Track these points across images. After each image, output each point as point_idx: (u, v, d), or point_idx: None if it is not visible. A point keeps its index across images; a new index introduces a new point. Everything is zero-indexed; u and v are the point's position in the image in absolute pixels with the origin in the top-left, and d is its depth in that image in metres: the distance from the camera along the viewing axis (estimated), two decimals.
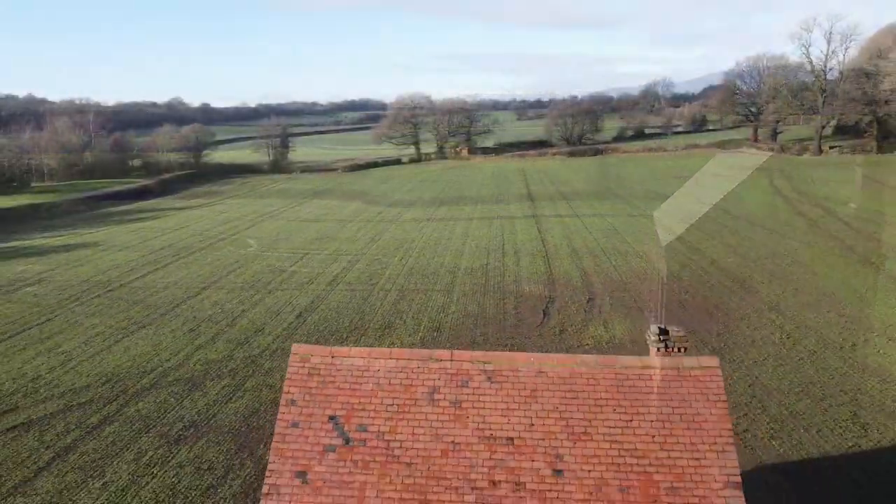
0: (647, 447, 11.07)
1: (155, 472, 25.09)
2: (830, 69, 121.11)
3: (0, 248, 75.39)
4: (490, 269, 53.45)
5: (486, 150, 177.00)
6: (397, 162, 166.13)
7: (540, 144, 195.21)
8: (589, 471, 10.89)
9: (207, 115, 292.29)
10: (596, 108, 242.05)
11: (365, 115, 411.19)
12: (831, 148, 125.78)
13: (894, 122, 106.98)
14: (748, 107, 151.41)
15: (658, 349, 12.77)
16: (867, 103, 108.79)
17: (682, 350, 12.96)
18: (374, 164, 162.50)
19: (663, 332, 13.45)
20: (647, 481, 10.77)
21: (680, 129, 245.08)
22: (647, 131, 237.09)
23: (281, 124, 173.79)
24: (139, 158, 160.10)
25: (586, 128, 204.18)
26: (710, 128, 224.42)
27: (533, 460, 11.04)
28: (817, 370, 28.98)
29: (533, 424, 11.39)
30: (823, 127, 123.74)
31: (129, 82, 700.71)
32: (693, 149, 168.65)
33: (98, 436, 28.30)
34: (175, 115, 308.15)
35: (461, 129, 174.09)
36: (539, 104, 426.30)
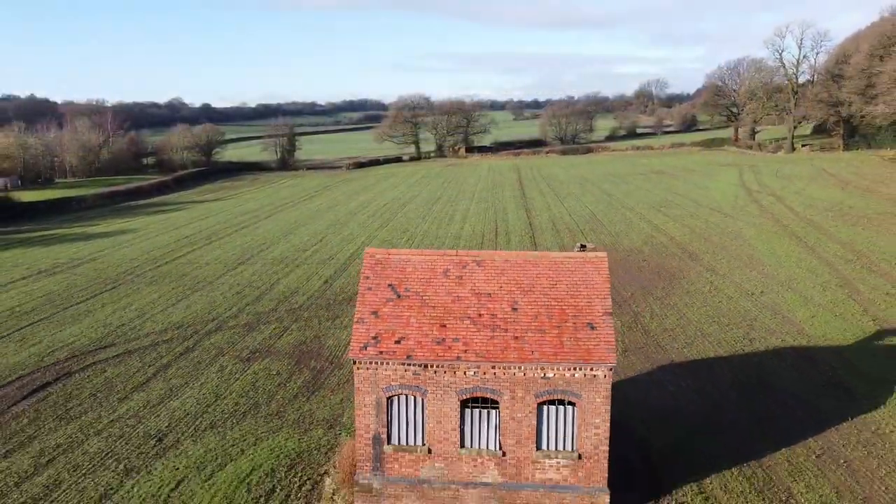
0: (563, 296, 20.19)
1: (237, 377, 34.23)
2: (802, 73, 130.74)
3: (45, 235, 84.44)
4: (485, 243, 62.64)
5: (482, 149, 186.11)
6: (398, 160, 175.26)
7: (535, 143, 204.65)
8: (530, 308, 20.01)
9: (209, 115, 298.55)
10: (590, 109, 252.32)
11: (364, 115, 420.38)
12: (803, 146, 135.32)
13: (856, 121, 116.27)
14: (729, 107, 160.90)
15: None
16: (832, 105, 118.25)
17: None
18: (377, 162, 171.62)
19: (582, 246, 22.76)
20: (562, 312, 19.87)
21: (671, 128, 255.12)
22: (638, 131, 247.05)
23: (288, 124, 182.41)
24: (153, 156, 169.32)
25: (580, 127, 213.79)
26: (700, 128, 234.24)
27: (500, 304, 20.18)
28: (729, 308, 38.29)
29: (501, 287, 20.53)
30: (796, 126, 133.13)
31: (129, 82, 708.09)
32: (679, 147, 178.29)
33: (186, 358, 37.43)
34: (177, 115, 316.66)
35: (459, 128, 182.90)
36: (536, 104, 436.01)
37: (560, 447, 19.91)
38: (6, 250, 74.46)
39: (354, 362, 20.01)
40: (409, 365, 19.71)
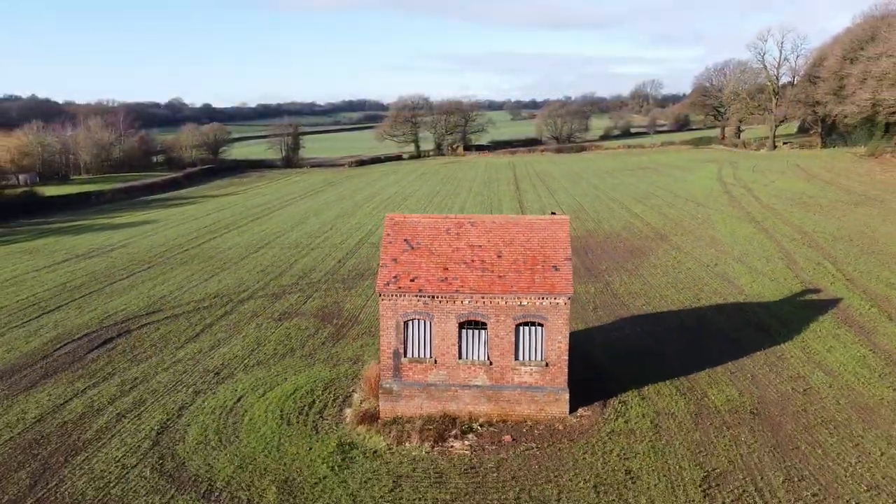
0: (535, 247, 27.00)
1: (272, 331, 41.02)
2: (783, 74, 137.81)
3: (74, 226, 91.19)
4: None
5: (480, 148, 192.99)
6: (398, 158, 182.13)
7: (531, 142, 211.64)
8: (511, 256, 26.82)
9: (210, 115, 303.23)
10: (585, 109, 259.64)
11: (363, 115, 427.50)
12: (784, 143, 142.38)
13: (830, 120, 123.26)
14: (716, 107, 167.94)
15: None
16: (809, 105, 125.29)
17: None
18: (378, 160, 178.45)
19: (553, 213, 29.67)
20: (534, 258, 26.67)
21: (665, 128, 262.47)
22: (632, 130, 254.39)
23: (292, 123, 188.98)
24: (163, 154, 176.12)
25: (575, 127, 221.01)
26: (693, 127, 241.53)
27: (488, 253, 26.99)
28: (686, 276, 45.23)
29: (489, 240, 27.35)
30: (777, 125, 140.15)
31: (129, 83, 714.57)
32: (668, 146, 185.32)
33: (226, 319, 44.22)
34: (178, 115, 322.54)
35: (457, 127, 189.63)
36: (533, 104, 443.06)
37: (532, 358, 26.76)
38: (42, 238, 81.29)
39: (380, 295, 26.85)
40: (420, 297, 26.56)
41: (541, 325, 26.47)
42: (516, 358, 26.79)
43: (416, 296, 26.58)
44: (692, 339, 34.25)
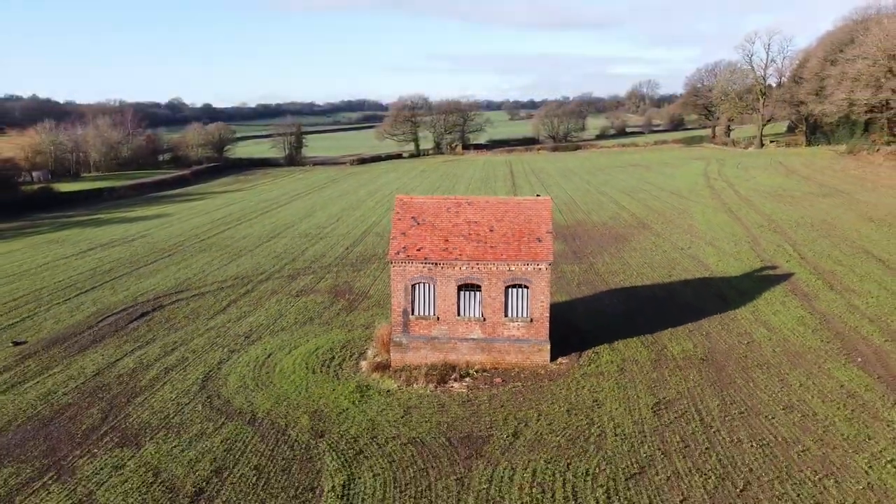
0: (521, 222, 32.03)
1: (291, 304, 46.03)
2: (770, 75, 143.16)
3: (92, 219, 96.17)
4: None
5: (478, 146, 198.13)
6: (398, 157, 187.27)
7: (528, 141, 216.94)
8: (501, 230, 31.86)
9: (211, 115, 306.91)
10: (582, 109, 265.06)
11: (362, 115, 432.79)
12: (771, 142, 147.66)
13: (812, 120, 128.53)
14: (707, 107, 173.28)
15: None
16: (794, 104, 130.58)
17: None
18: (379, 159, 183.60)
19: (537, 195, 34.86)
20: (520, 232, 31.73)
21: (660, 128, 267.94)
22: (628, 130, 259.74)
23: (295, 123, 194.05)
24: (169, 153, 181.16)
25: (571, 126, 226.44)
26: (688, 127, 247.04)
27: (482, 228, 32.01)
28: (661, 257, 50.40)
29: (483, 217, 32.40)
30: (764, 124, 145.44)
31: (129, 83, 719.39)
32: (661, 145, 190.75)
33: (248, 296, 49.25)
34: (179, 115, 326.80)
35: (456, 127, 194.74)
36: (532, 105, 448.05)
37: (519, 315, 31.85)
38: (64, 230, 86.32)
39: (391, 262, 31.94)
40: (425, 264, 31.65)
41: (526, 287, 31.56)
42: (506, 315, 31.88)
43: (422, 263, 31.67)
44: (660, 306, 39.35)
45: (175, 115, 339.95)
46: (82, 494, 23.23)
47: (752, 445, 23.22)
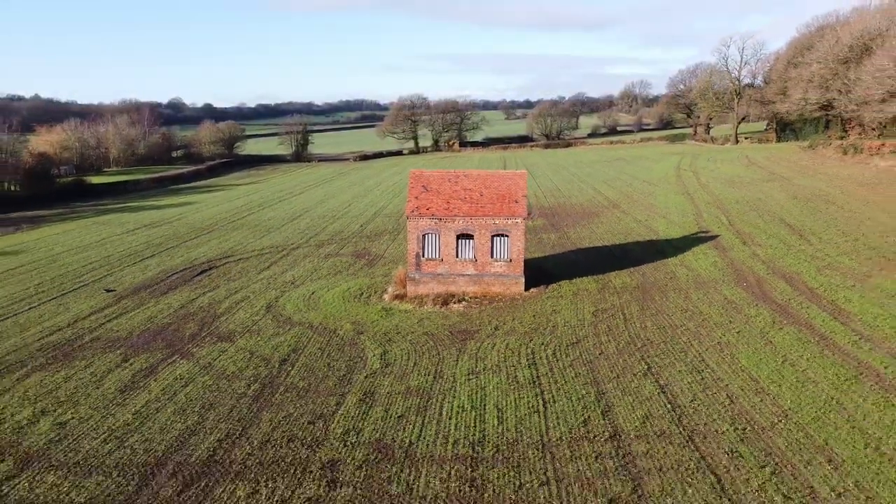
0: (504, 189, 43.15)
1: (322, 263, 57.27)
2: (744, 76, 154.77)
3: (126, 206, 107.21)
4: None
5: (475, 144, 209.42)
6: (399, 154, 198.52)
7: (522, 139, 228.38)
8: (489, 194, 43.02)
9: (212, 115, 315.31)
10: (575, 108, 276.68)
11: (361, 114, 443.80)
12: (746, 138, 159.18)
13: (779, 117, 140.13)
14: (688, 106, 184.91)
15: None
16: (763, 104, 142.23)
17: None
18: (380, 155, 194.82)
19: (519, 172, 46.30)
20: (502, 196, 42.88)
21: (650, 126, 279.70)
22: (619, 128, 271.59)
23: (301, 122, 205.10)
24: (183, 149, 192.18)
25: (564, 125, 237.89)
26: (677, 125, 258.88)
27: (475, 193, 43.13)
28: (622, 227, 61.89)
29: (475, 186, 43.54)
30: (739, 122, 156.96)
31: (129, 83, 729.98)
32: (647, 142, 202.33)
33: (285, 259, 60.48)
34: (180, 114, 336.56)
35: (453, 125, 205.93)
36: (528, 104, 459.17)
37: (502, 256, 43.13)
38: (105, 215, 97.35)
39: (408, 218, 43.22)
40: (432, 219, 42.95)
41: (507, 236, 42.87)
42: (492, 256, 43.19)
43: (430, 218, 42.97)
44: (614, 259, 50.71)
45: (177, 114, 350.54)
46: (205, 363, 34.49)
47: (653, 327, 34.72)
